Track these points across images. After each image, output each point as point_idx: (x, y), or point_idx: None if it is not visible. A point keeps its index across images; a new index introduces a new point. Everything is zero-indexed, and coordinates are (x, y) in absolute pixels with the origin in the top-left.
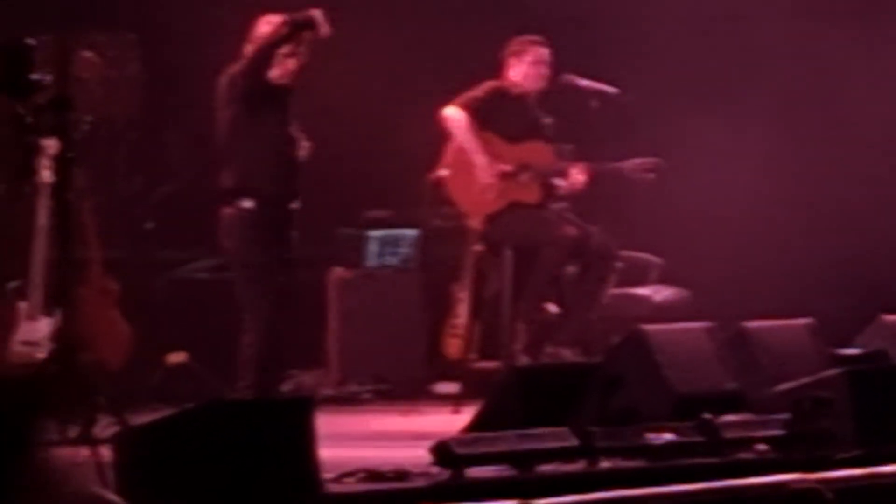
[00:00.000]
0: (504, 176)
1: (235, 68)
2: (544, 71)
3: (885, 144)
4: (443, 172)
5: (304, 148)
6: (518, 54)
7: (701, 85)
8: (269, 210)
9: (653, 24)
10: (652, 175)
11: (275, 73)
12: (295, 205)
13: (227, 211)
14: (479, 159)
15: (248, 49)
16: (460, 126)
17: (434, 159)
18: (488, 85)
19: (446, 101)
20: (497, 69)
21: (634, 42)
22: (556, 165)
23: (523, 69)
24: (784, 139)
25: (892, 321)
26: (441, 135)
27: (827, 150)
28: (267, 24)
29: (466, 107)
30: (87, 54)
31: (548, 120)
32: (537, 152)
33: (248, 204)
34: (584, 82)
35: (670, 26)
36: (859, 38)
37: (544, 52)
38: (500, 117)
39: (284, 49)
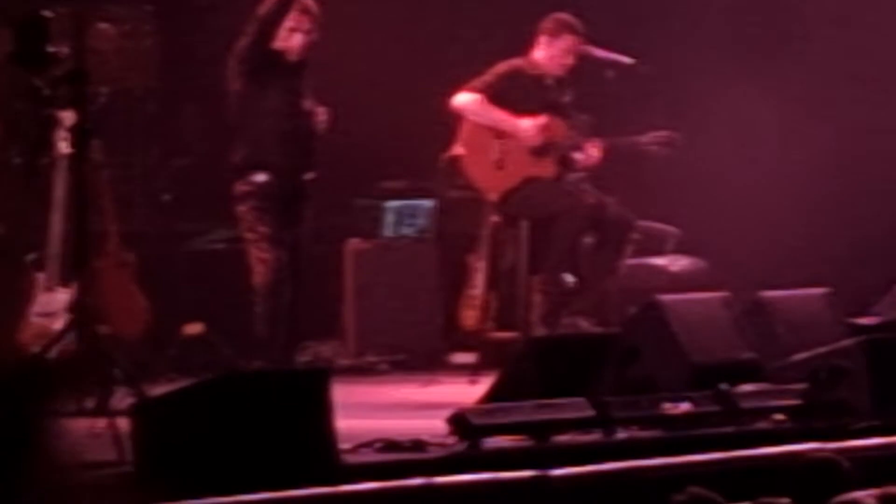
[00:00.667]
0: (546, 126)
1: (240, 43)
2: (570, 61)
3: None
4: (458, 151)
5: (321, 119)
6: (552, 35)
7: (719, 53)
8: (280, 182)
9: None
10: (669, 148)
11: (280, 45)
12: (309, 176)
13: (240, 185)
14: (510, 123)
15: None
16: (477, 108)
17: (451, 131)
18: (501, 68)
19: (464, 74)
20: (525, 42)
21: (652, 10)
22: (571, 140)
23: (551, 52)
24: (802, 108)
25: None
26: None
27: (844, 119)
28: (273, 2)
29: (479, 90)
30: (104, 26)
31: (567, 98)
32: (552, 127)
33: (259, 178)
34: (600, 52)
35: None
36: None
37: (577, 41)
38: (515, 96)
39: (288, 23)
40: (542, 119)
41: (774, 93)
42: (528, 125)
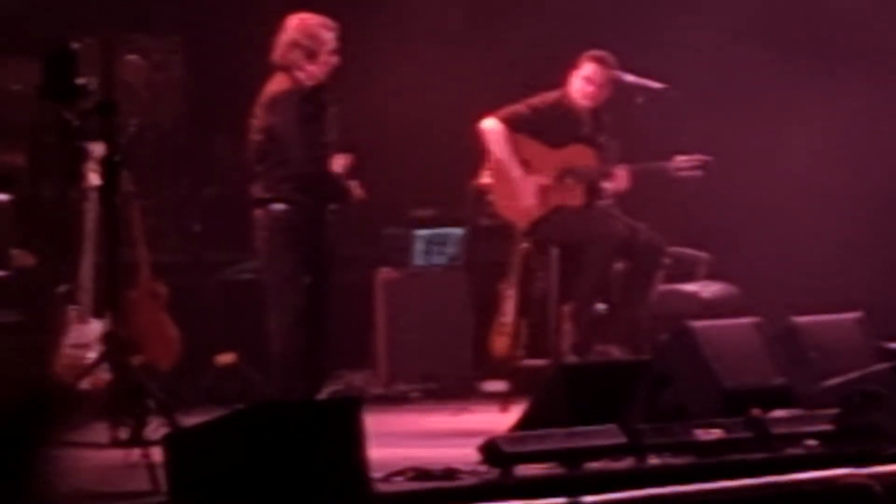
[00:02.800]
0: (543, 188)
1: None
2: (592, 90)
3: None
4: (486, 179)
5: (338, 163)
6: (576, 67)
7: (748, 77)
8: (299, 213)
9: (698, 18)
10: (698, 172)
11: (321, 73)
12: (332, 207)
13: (258, 213)
14: (516, 173)
15: (300, 58)
16: (496, 139)
17: (479, 160)
18: (535, 101)
19: (493, 102)
20: (556, 74)
21: (681, 36)
22: (598, 169)
23: (576, 84)
24: (832, 132)
25: None
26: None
27: (876, 142)
28: (319, 27)
29: (505, 120)
30: (133, 58)
31: (600, 131)
32: (580, 156)
33: (278, 207)
34: (630, 78)
35: (717, 20)
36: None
37: (599, 71)
38: (546, 128)
39: (330, 46)
40: (568, 159)
41: (804, 116)
42: (527, 188)
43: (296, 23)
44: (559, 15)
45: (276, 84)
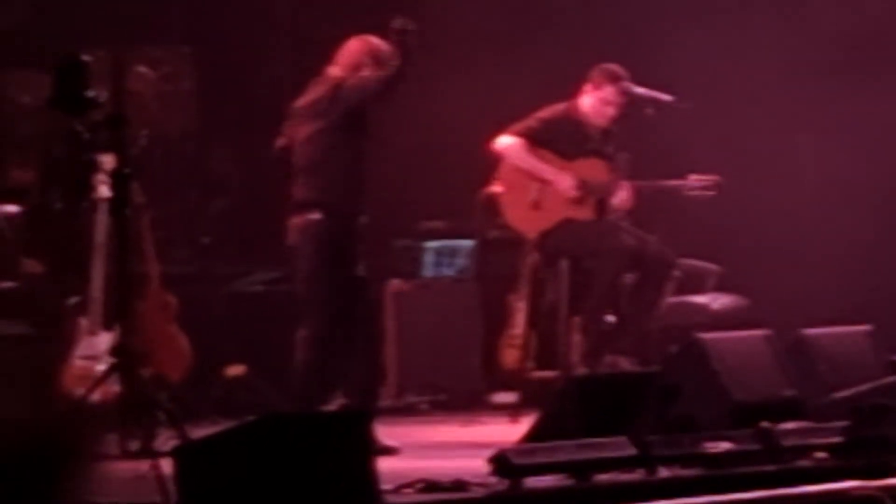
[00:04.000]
0: (582, 182)
1: (347, 92)
2: (611, 112)
3: None
4: (496, 189)
5: None
6: (596, 85)
7: (759, 91)
8: (336, 223)
9: (708, 33)
10: (711, 193)
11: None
12: (363, 219)
13: (296, 221)
14: (549, 172)
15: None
16: (518, 152)
17: (489, 172)
18: (544, 114)
19: (502, 114)
20: (567, 87)
21: (692, 49)
22: (610, 184)
23: (592, 102)
24: (842, 145)
25: None
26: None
27: (885, 156)
28: (371, 42)
29: (521, 134)
30: (142, 69)
31: (610, 147)
32: (593, 169)
33: (315, 215)
34: (640, 90)
35: (725, 36)
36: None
37: (620, 93)
38: (558, 140)
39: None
40: (581, 172)
41: (815, 128)
42: (567, 181)
43: (354, 41)
44: (568, 27)
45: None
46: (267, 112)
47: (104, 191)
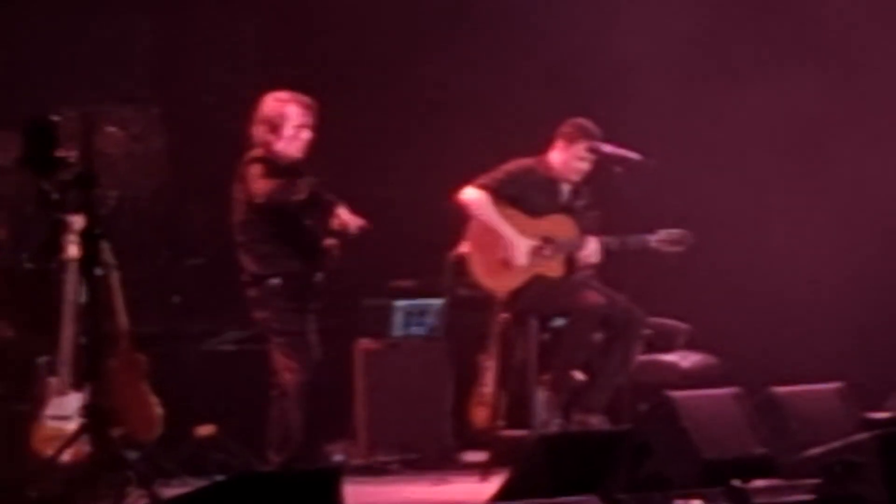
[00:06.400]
0: (533, 251)
1: (255, 193)
2: (584, 168)
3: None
4: (464, 249)
5: (345, 220)
6: (568, 141)
7: (725, 149)
8: (294, 283)
9: (676, 90)
10: (680, 248)
11: (292, 148)
12: (318, 277)
13: (252, 291)
14: (508, 233)
15: (265, 134)
16: (481, 206)
17: (458, 230)
18: (511, 167)
19: (470, 172)
20: (534, 141)
21: (659, 106)
22: (577, 240)
23: (564, 158)
24: (810, 203)
25: None
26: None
27: (852, 212)
28: (282, 103)
29: (485, 187)
30: (112, 129)
31: (580, 202)
32: (560, 225)
33: (274, 281)
34: (608, 148)
35: (694, 93)
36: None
37: (592, 150)
38: (526, 195)
39: (297, 121)
40: (548, 228)
41: (783, 187)
42: (522, 248)
43: (264, 100)
44: (537, 85)
45: (249, 158)
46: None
47: (74, 251)
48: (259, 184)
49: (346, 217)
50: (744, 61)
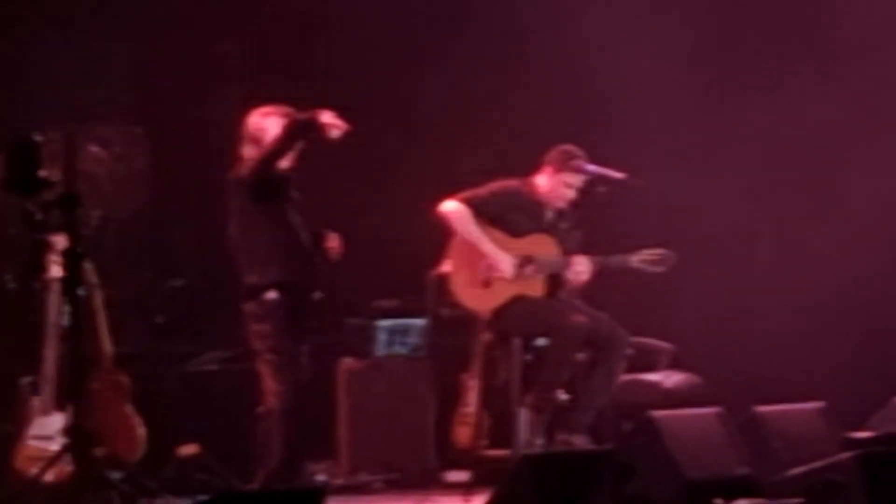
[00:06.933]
0: (516, 267)
1: (242, 172)
2: (571, 195)
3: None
4: (446, 268)
5: (333, 246)
6: (557, 168)
7: (709, 169)
8: (291, 299)
9: (662, 107)
10: (661, 268)
11: (283, 163)
12: (316, 295)
13: (250, 306)
14: (488, 247)
15: (250, 150)
16: (461, 219)
17: (440, 249)
18: (495, 187)
19: (453, 194)
20: (517, 163)
21: (644, 126)
22: (560, 259)
23: (552, 184)
24: (793, 223)
25: None
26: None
27: (839, 231)
28: (262, 117)
29: (467, 201)
30: (95, 149)
31: (564, 226)
32: (541, 245)
33: (271, 295)
34: (591, 167)
35: (677, 109)
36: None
37: (580, 178)
38: (507, 215)
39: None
40: (529, 248)
41: (767, 207)
42: (506, 261)
43: (248, 116)
44: (521, 105)
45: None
46: (220, 191)
47: (56, 271)
48: (246, 165)
49: (333, 243)
50: (730, 82)
